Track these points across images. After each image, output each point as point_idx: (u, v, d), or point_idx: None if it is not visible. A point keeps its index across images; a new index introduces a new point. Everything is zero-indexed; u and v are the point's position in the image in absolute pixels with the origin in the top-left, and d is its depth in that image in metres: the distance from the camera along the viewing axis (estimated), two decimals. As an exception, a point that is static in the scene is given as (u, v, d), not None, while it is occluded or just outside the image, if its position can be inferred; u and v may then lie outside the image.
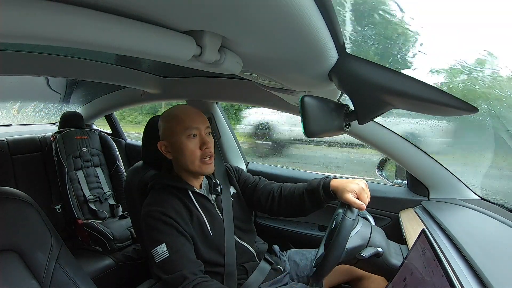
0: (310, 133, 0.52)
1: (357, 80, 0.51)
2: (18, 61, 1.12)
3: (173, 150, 0.89)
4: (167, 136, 0.89)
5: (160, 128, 0.92)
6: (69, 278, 0.73)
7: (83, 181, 1.75)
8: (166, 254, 0.79)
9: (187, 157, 0.87)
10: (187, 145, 0.86)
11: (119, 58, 1.31)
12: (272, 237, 1.35)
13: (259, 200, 1.00)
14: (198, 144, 0.87)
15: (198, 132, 0.88)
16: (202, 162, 0.88)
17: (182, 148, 0.86)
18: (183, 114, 0.88)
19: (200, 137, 0.88)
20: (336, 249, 0.73)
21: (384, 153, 1.19)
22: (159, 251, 0.79)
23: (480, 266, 0.63)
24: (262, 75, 0.68)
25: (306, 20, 0.37)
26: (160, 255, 0.79)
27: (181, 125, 0.86)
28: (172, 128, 0.88)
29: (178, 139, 0.87)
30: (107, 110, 2.15)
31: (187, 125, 0.86)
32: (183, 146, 0.86)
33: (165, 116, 0.92)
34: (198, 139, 0.88)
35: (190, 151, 0.86)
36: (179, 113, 0.89)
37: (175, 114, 0.89)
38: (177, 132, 0.87)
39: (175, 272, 0.77)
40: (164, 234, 0.81)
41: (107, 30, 0.34)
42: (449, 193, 1.14)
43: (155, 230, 0.82)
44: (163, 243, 0.80)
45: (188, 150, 0.86)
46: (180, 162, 0.90)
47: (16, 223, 0.68)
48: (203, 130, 0.88)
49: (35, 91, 2.02)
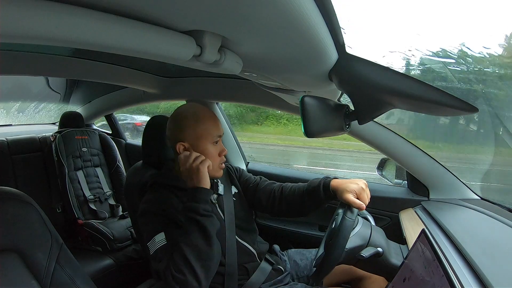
0: (310, 133, 0.52)
1: (357, 80, 0.52)
2: (18, 61, 1.12)
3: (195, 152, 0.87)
4: (190, 138, 0.88)
5: (178, 128, 0.89)
6: (69, 278, 0.73)
7: (83, 181, 1.75)
8: (164, 241, 0.77)
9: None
10: (211, 151, 0.88)
11: (119, 58, 1.30)
12: (273, 237, 1.35)
13: (260, 200, 1.00)
14: (218, 150, 0.90)
15: (219, 139, 0.91)
16: (219, 167, 0.91)
17: (206, 154, 0.86)
18: (210, 118, 0.89)
19: (220, 144, 0.91)
20: (336, 249, 0.73)
21: (384, 153, 1.19)
22: (156, 239, 0.78)
23: (480, 266, 0.62)
24: (262, 75, 0.68)
25: (306, 20, 0.37)
26: (157, 243, 0.77)
27: (209, 131, 0.88)
28: (199, 131, 0.87)
29: (203, 144, 0.87)
30: (107, 110, 2.15)
31: (215, 132, 0.89)
32: (207, 152, 0.87)
33: (187, 116, 0.89)
34: (218, 145, 0.91)
35: (212, 157, 0.88)
36: (204, 116, 0.89)
37: (200, 117, 0.88)
38: (204, 137, 0.87)
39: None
40: (162, 224, 0.80)
41: (107, 30, 0.34)
42: (449, 193, 1.14)
43: (153, 222, 0.81)
44: (161, 232, 0.79)
45: (211, 156, 0.88)
46: None
47: (16, 223, 0.68)
48: (221, 136, 0.92)
49: (35, 91, 2.02)
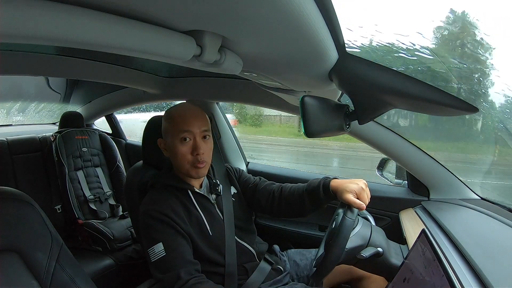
0: (310, 133, 0.52)
1: (357, 80, 0.51)
2: (18, 61, 1.12)
3: (169, 150, 0.90)
4: (165, 135, 0.90)
5: (162, 125, 0.92)
6: (69, 278, 0.73)
7: (83, 181, 1.75)
8: (163, 253, 0.79)
9: (178, 160, 0.87)
10: (179, 148, 0.85)
11: (119, 58, 1.30)
12: (272, 237, 1.35)
13: (259, 201, 1.00)
14: (190, 149, 0.86)
15: (191, 136, 0.85)
16: (192, 167, 0.86)
17: (175, 151, 0.86)
18: (179, 116, 0.87)
19: (194, 141, 0.86)
20: (336, 249, 0.73)
21: (384, 153, 1.19)
22: (155, 250, 0.79)
23: (480, 266, 0.63)
24: (262, 75, 0.68)
25: (306, 20, 0.37)
26: (157, 254, 0.79)
27: (175, 127, 0.86)
28: (168, 128, 0.88)
29: (172, 141, 0.87)
30: (107, 110, 2.15)
31: (180, 128, 0.85)
32: (175, 149, 0.86)
33: (165, 115, 0.92)
34: (191, 143, 0.86)
35: (181, 155, 0.85)
36: (175, 114, 0.88)
37: (172, 115, 0.89)
38: (172, 134, 0.87)
39: (170, 271, 0.77)
40: (161, 233, 0.81)
41: (107, 30, 0.34)
42: (449, 193, 1.14)
43: (152, 229, 0.82)
44: (160, 242, 0.80)
45: (180, 153, 0.85)
46: (173, 163, 0.91)
47: (16, 223, 0.68)
48: (198, 133, 0.86)
49: (35, 91, 2.02)
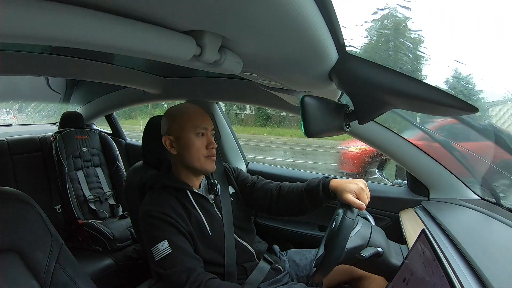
0: (310, 133, 0.52)
1: (357, 80, 0.51)
2: (18, 61, 1.12)
3: (179, 145, 0.90)
4: (175, 131, 0.90)
5: (166, 123, 0.92)
6: (69, 278, 0.73)
7: (83, 181, 1.75)
8: (168, 250, 0.79)
9: (193, 154, 0.89)
10: (194, 142, 0.89)
11: (119, 58, 1.31)
12: (272, 237, 1.35)
13: (257, 200, 1.00)
14: (204, 143, 0.90)
15: (205, 132, 0.90)
16: (207, 159, 0.90)
17: (190, 145, 0.88)
18: (194, 112, 0.91)
19: (207, 136, 0.91)
20: (336, 249, 0.73)
21: (384, 153, 1.19)
22: (160, 247, 0.80)
23: (480, 266, 0.62)
24: (262, 75, 0.68)
25: (306, 20, 0.37)
26: (162, 252, 0.79)
27: (191, 122, 0.89)
28: (182, 124, 0.89)
29: (186, 135, 0.88)
30: (107, 110, 2.15)
31: (197, 124, 0.89)
32: (190, 143, 0.88)
33: (173, 112, 0.93)
34: (205, 138, 0.90)
35: (197, 148, 0.89)
36: (190, 110, 0.91)
37: (186, 111, 0.91)
38: (186, 129, 0.89)
39: (178, 267, 0.78)
40: (164, 231, 0.82)
41: (107, 30, 0.34)
42: (449, 193, 1.14)
43: (154, 228, 0.82)
44: (165, 240, 0.80)
45: (195, 147, 0.88)
46: (184, 158, 0.91)
47: (16, 223, 0.68)
48: (209, 130, 0.92)
49: (35, 91, 2.02)
